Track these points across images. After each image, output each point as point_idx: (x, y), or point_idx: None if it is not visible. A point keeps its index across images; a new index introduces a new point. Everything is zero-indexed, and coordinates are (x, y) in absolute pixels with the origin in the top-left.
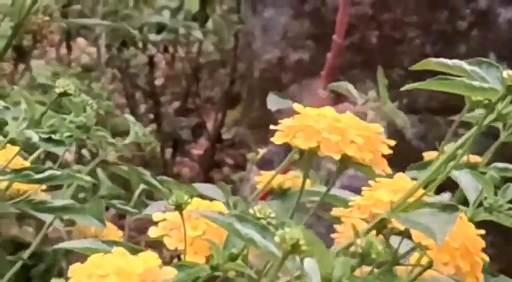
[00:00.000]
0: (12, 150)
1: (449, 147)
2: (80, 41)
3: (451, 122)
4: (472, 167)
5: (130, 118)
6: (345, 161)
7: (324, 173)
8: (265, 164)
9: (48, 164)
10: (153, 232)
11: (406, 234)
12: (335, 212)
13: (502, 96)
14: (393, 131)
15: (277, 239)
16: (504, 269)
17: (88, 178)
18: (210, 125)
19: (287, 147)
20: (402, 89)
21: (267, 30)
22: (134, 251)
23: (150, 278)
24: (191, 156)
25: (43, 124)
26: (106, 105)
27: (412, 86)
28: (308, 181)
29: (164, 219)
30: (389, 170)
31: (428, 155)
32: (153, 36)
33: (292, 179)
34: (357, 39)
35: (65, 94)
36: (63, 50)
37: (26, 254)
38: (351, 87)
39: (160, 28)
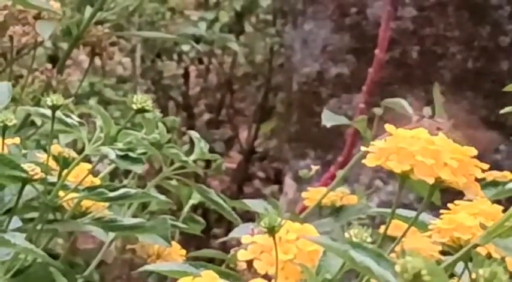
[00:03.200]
0: (83, 167)
1: None
2: (115, 52)
3: (492, 138)
4: None
5: (195, 134)
6: (437, 185)
7: (363, 187)
8: (301, 179)
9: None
10: (242, 255)
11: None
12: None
13: None
14: None
15: (398, 268)
16: None
17: (163, 197)
18: (242, 138)
19: (324, 162)
20: (501, 112)
21: (307, 43)
22: (222, 274)
23: None
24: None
25: (119, 141)
26: (171, 121)
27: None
28: (354, 197)
29: (253, 242)
30: (482, 195)
31: (489, 174)
32: (187, 48)
33: (344, 195)
34: (397, 54)
35: (142, 110)
36: (98, 61)
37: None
38: (405, 104)
39: (196, 40)
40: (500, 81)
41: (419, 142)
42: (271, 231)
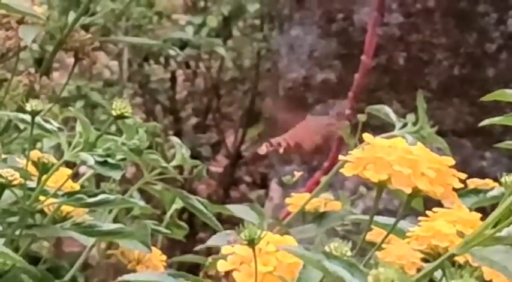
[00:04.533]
0: (63, 172)
1: None
2: (102, 55)
3: (477, 144)
4: None
5: (176, 140)
6: (415, 195)
7: (348, 193)
8: (287, 185)
9: None
10: (222, 266)
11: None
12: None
13: None
14: None
15: (370, 279)
16: None
17: (142, 203)
18: (229, 142)
19: (309, 167)
20: (481, 124)
21: (293, 49)
22: None
23: None
24: (209, 173)
25: (98, 147)
26: (153, 127)
27: (492, 121)
28: (338, 203)
29: (233, 253)
30: (460, 204)
31: (472, 182)
32: (175, 52)
33: (328, 202)
34: (384, 60)
35: (121, 117)
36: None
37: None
38: (388, 110)
39: (183, 44)
40: (486, 88)
41: (396, 152)
42: (251, 243)
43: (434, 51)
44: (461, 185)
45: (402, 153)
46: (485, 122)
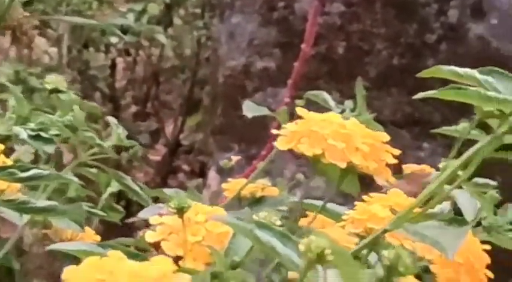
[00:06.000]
0: None
1: (449, 164)
2: (42, 41)
3: (415, 135)
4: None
5: (112, 119)
6: (349, 170)
7: (287, 181)
8: (224, 171)
9: None
10: (150, 236)
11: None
12: (303, 221)
13: None
14: None
15: (301, 247)
16: None
17: (76, 179)
18: (168, 131)
19: (248, 155)
20: (415, 97)
21: (233, 36)
22: (130, 255)
23: None
24: (148, 161)
25: (31, 121)
26: (91, 106)
27: (425, 94)
28: (275, 189)
29: (162, 223)
30: (393, 180)
31: (407, 167)
32: (115, 39)
33: (265, 187)
34: (324, 49)
35: (55, 91)
36: (25, 50)
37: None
38: (327, 96)
39: (123, 31)
40: (425, 79)
41: (331, 126)
42: (180, 212)
43: (374, 41)
44: (395, 161)
45: (336, 127)
46: (419, 96)
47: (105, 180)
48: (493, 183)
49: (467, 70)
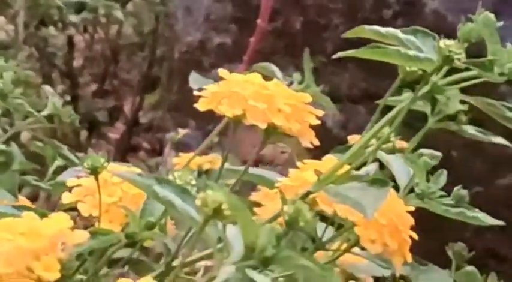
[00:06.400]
0: None
1: (376, 125)
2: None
3: (372, 110)
4: (398, 152)
5: (48, 89)
6: (271, 131)
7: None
8: (182, 148)
9: None
10: (66, 198)
11: (329, 221)
12: (255, 196)
13: (437, 67)
14: None
15: (198, 202)
16: None
17: (3, 147)
18: (127, 109)
19: (205, 132)
20: (334, 56)
21: (190, 12)
22: (44, 216)
23: (60, 241)
24: (107, 139)
25: None
26: (25, 75)
27: (345, 53)
28: (226, 164)
29: (79, 185)
30: (316, 142)
31: (352, 138)
32: (73, 17)
33: (212, 160)
34: (280, 24)
35: None
36: None
37: None
38: (275, 68)
39: (80, 7)
40: None
41: (252, 86)
42: (94, 172)
43: (331, 16)
44: (318, 122)
45: (258, 88)
46: (338, 55)
47: (52, 153)
48: (438, 154)
49: (390, 29)
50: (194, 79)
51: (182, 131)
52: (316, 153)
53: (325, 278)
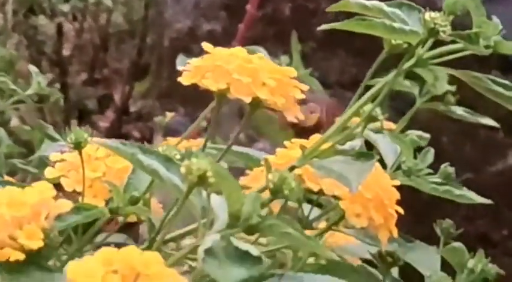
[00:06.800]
0: None
1: (360, 100)
2: None
3: (361, 95)
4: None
5: (33, 68)
6: (256, 105)
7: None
8: (171, 135)
9: None
10: (49, 172)
11: (315, 202)
12: (244, 180)
13: (423, 40)
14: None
15: (182, 169)
16: None
17: (4, 135)
18: (117, 97)
19: (194, 118)
20: (319, 28)
21: None
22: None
23: (43, 210)
24: (98, 127)
25: None
26: (9, 54)
27: (330, 25)
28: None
29: (62, 160)
30: (302, 116)
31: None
32: (62, 5)
33: (199, 144)
34: (270, 11)
35: None
36: None
37: None
38: (263, 51)
39: None
40: (371, 40)
41: (236, 60)
42: (78, 146)
43: (319, 1)
44: (303, 96)
45: (242, 62)
46: (322, 27)
47: (39, 137)
48: (426, 135)
49: (375, 2)
50: (181, 61)
51: (170, 115)
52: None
53: (311, 245)
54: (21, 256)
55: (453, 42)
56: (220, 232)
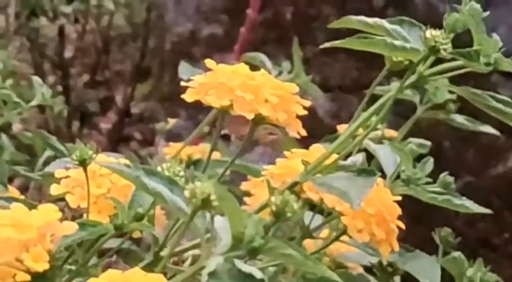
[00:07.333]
0: None
1: (363, 114)
2: None
3: (363, 99)
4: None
5: (37, 80)
6: (259, 121)
7: (234, 148)
8: (173, 138)
9: None
10: (55, 189)
11: (317, 209)
12: (245, 186)
13: (424, 57)
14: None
15: (186, 193)
16: None
17: (7, 142)
18: (119, 99)
19: (196, 122)
20: (321, 46)
21: (180, 2)
22: (33, 207)
23: (49, 232)
24: (99, 129)
25: None
26: (14, 65)
27: (332, 43)
28: (217, 153)
29: (67, 177)
30: (303, 132)
31: (341, 127)
32: (64, 7)
33: (201, 150)
34: (271, 15)
35: None
36: None
37: None
38: (264, 58)
39: None
40: None
41: (239, 77)
42: (83, 163)
43: (321, 7)
44: (305, 112)
45: (245, 79)
46: (326, 45)
47: (41, 144)
48: (428, 143)
49: (377, 20)
50: (183, 69)
51: (172, 121)
52: (309, 142)
53: (312, 266)
54: (27, 278)
55: (454, 59)
56: (224, 254)
